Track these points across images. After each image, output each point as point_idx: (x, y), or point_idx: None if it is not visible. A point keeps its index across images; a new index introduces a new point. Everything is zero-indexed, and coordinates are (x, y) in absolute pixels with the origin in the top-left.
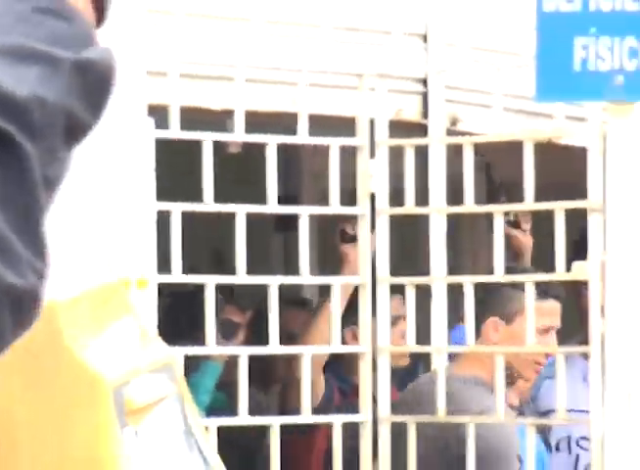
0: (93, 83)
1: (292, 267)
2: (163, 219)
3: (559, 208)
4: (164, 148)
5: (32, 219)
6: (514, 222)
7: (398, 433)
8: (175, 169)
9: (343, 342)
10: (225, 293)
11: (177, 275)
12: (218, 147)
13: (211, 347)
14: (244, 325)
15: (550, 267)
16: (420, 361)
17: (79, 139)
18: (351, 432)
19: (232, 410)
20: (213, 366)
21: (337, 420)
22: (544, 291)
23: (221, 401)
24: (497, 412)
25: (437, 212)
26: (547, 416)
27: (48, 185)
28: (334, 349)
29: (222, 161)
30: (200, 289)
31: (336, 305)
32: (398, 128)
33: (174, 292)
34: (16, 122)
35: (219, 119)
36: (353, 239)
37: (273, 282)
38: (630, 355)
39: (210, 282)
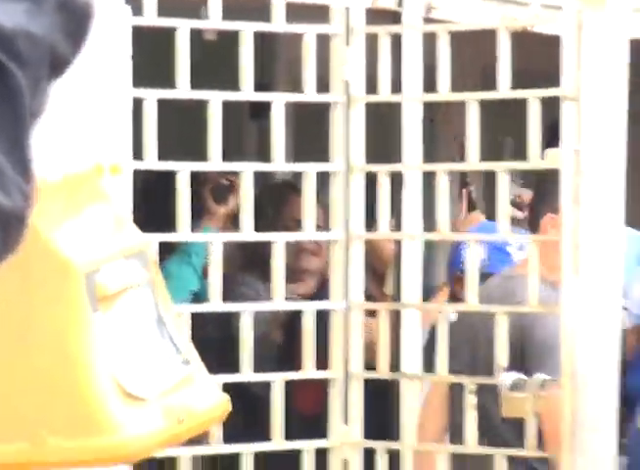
0: (74, 20)
1: (266, 155)
2: (140, 108)
3: (532, 96)
4: (141, 35)
5: (21, 144)
6: None
7: None
8: (151, 57)
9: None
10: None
11: (152, 162)
12: (194, 34)
13: (186, 233)
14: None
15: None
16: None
17: (61, 72)
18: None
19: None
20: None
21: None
22: None
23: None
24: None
25: (411, 101)
26: None
27: (32, 114)
28: (306, 235)
29: (198, 48)
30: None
31: (310, 192)
32: (376, 17)
33: (148, 179)
34: (5, 52)
35: (195, 6)
36: None
37: (247, 169)
38: (603, 242)
39: (184, 169)
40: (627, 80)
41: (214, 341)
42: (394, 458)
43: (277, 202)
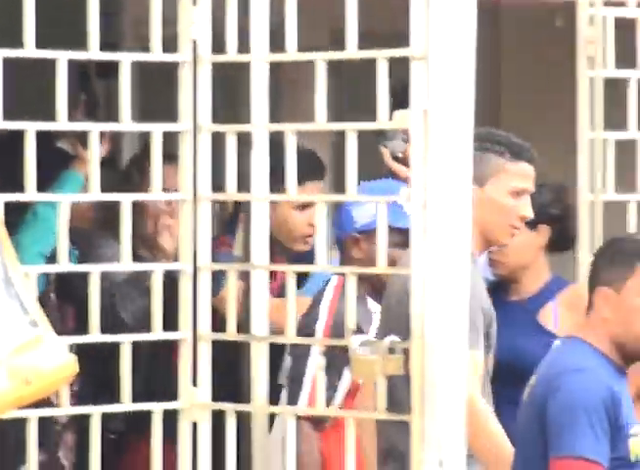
0: None
1: (114, 115)
2: None
3: (381, 56)
4: None
5: None
6: None
7: None
8: None
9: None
10: None
11: None
12: None
13: (32, 194)
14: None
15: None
16: (239, 212)
17: None
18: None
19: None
20: (75, 177)
21: None
22: (516, 153)
23: None
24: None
25: (259, 61)
26: None
27: None
28: (153, 196)
29: (44, 6)
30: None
31: (157, 154)
32: None
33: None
34: None
35: None
36: None
37: (94, 129)
38: (450, 201)
39: (30, 128)
40: (475, 40)
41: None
42: (245, 420)
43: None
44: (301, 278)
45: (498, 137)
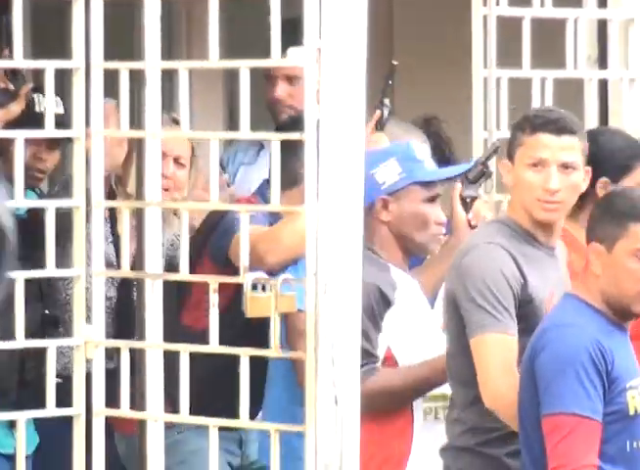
0: None
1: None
2: None
3: None
4: None
5: None
6: None
7: None
8: None
9: None
10: None
11: None
12: None
13: None
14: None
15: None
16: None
17: None
18: None
19: None
20: None
21: None
22: (536, 125)
23: None
24: None
25: None
26: None
27: None
28: (46, 133)
29: None
30: None
31: (50, 89)
32: None
33: None
34: None
35: None
36: None
37: None
38: (345, 148)
39: None
40: None
41: None
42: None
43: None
44: None
45: (533, 112)
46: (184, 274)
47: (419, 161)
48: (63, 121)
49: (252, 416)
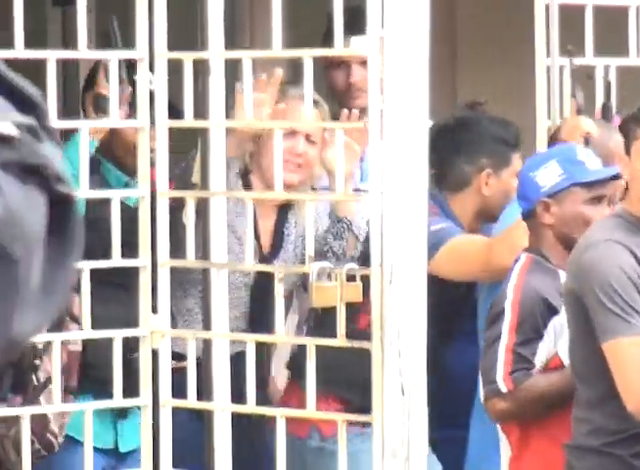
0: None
1: (71, 43)
2: None
3: None
4: None
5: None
6: None
7: None
8: None
9: None
10: None
11: None
12: None
13: None
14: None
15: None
16: None
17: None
18: None
19: None
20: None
21: None
22: None
23: None
24: None
25: None
26: None
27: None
28: (112, 122)
29: None
30: None
31: (114, 80)
32: None
33: None
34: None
35: None
36: None
37: (51, 56)
38: (410, 137)
39: None
40: None
41: None
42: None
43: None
44: None
45: None
46: (249, 265)
47: (580, 162)
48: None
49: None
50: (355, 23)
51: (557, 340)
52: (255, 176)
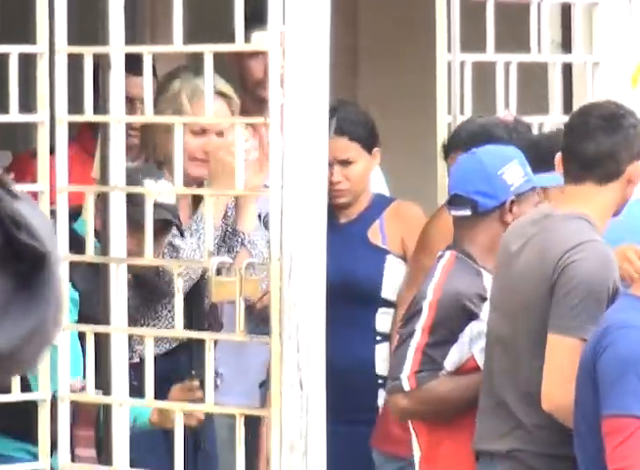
0: None
1: None
2: None
3: None
4: None
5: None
6: None
7: None
8: None
9: None
10: None
11: None
12: None
13: None
14: None
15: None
16: None
17: None
18: None
19: None
20: None
21: None
22: None
23: None
24: None
25: None
26: None
27: None
28: (11, 117)
29: None
30: None
31: (13, 76)
32: None
33: None
34: None
35: None
36: None
37: None
38: (309, 132)
39: None
40: None
41: None
42: None
43: None
44: None
45: None
46: (148, 259)
47: (527, 165)
48: None
49: None
50: (257, 17)
51: (473, 343)
52: (167, 170)
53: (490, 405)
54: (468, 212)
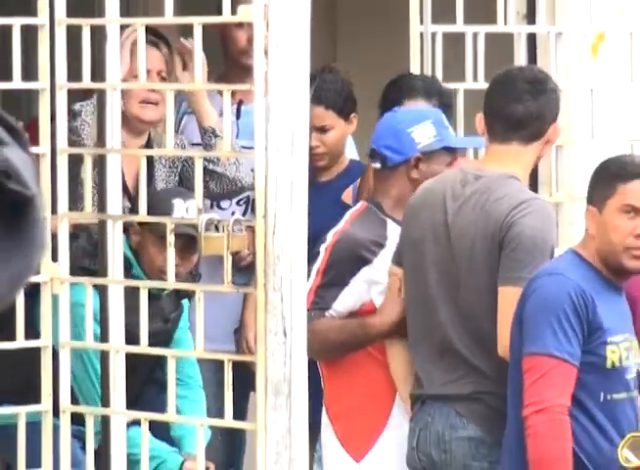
0: None
1: None
2: None
3: None
4: None
5: None
6: None
7: None
8: None
9: None
10: None
11: None
12: None
13: None
14: None
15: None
16: None
17: None
18: None
19: None
20: None
21: None
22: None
23: None
24: None
25: None
26: None
27: None
28: (14, 85)
29: None
30: None
31: (17, 46)
32: None
33: None
34: None
35: None
36: None
37: None
38: (291, 97)
39: None
40: None
41: None
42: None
43: None
44: None
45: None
46: (143, 216)
47: (447, 127)
48: None
49: None
50: None
51: (370, 288)
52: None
53: (437, 352)
54: (378, 165)
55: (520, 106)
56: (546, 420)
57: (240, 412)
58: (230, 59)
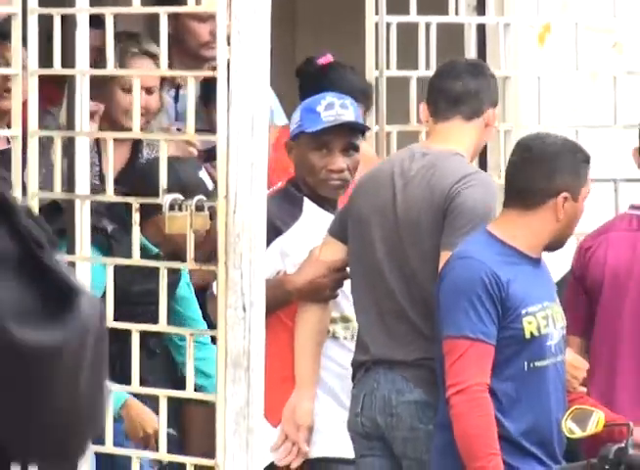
0: None
1: None
2: None
3: None
4: None
5: None
6: None
7: None
8: None
9: None
10: None
11: None
12: None
13: None
14: None
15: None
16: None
17: None
18: None
19: None
20: None
21: None
22: None
23: None
24: None
25: None
26: None
27: None
28: None
29: None
30: None
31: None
32: None
33: None
34: None
35: None
36: None
37: None
38: (252, 83)
39: None
40: None
41: None
42: None
43: None
44: None
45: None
46: (110, 195)
47: (316, 112)
48: None
49: None
50: None
51: (283, 259)
52: (104, 121)
53: (385, 320)
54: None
55: (459, 82)
56: (467, 400)
57: None
58: (187, 52)
